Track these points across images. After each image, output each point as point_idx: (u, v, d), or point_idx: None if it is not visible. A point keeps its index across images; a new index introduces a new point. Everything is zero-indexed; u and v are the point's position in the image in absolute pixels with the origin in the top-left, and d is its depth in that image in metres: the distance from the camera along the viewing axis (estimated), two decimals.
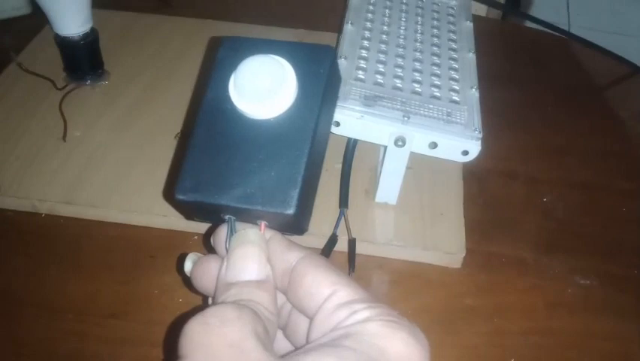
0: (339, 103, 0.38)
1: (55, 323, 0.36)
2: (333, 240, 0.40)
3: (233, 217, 0.26)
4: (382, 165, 0.41)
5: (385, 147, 0.39)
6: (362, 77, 0.41)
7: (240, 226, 0.26)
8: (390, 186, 0.42)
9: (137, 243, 0.41)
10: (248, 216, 0.26)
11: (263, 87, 0.26)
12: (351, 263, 0.39)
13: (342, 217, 0.40)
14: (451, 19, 0.49)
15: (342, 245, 0.40)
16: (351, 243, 0.39)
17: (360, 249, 0.40)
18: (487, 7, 0.72)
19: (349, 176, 0.42)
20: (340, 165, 0.43)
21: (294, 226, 0.26)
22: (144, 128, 0.48)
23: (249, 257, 0.24)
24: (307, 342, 0.22)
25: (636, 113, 0.58)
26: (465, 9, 0.51)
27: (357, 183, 0.44)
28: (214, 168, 0.26)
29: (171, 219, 0.42)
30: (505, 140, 0.51)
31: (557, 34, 0.67)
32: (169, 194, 0.25)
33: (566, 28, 0.73)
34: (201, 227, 0.41)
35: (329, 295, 0.22)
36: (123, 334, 0.36)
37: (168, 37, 0.58)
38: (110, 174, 0.44)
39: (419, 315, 0.38)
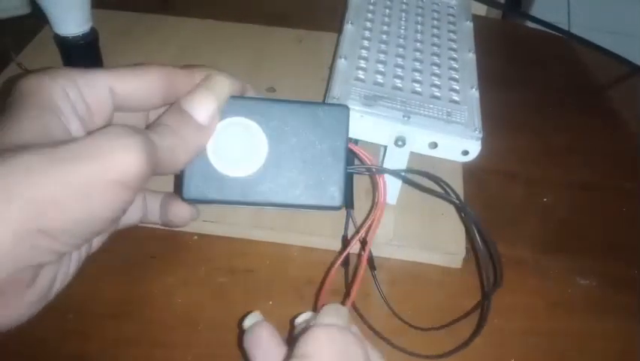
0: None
1: (56, 323, 0.36)
2: (345, 243, 0.39)
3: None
4: (382, 165, 0.41)
5: (385, 147, 0.39)
6: (362, 76, 0.41)
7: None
8: (390, 186, 0.42)
9: (137, 243, 0.41)
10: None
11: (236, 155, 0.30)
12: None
13: (350, 218, 0.40)
14: (451, 18, 0.49)
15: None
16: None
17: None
18: (487, 7, 0.72)
19: (352, 176, 0.42)
20: None
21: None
22: None
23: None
24: None
25: (636, 113, 0.58)
26: (465, 9, 0.51)
27: (358, 183, 0.44)
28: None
29: None
30: (505, 140, 0.51)
31: (557, 34, 0.67)
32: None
33: (566, 28, 0.73)
34: (201, 227, 0.41)
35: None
36: (123, 334, 0.36)
37: (168, 37, 0.58)
38: None
39: (419, 315, 0.38)
